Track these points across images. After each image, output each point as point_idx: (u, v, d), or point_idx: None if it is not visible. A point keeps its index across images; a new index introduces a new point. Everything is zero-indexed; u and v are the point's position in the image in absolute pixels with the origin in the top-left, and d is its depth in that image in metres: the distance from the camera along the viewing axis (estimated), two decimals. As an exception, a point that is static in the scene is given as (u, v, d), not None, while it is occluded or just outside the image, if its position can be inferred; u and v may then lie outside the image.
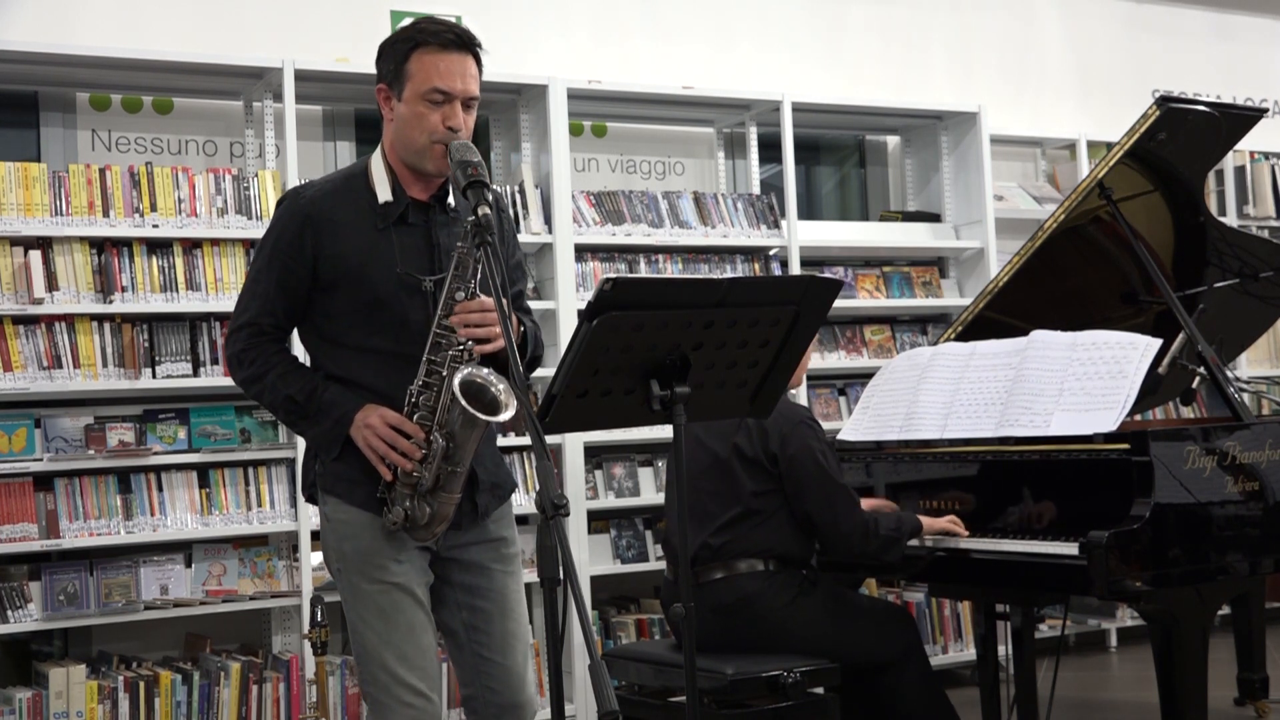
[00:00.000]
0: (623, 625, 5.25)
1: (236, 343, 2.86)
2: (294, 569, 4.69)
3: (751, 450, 3.78)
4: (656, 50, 5.97)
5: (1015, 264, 4.36)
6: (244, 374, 2.86)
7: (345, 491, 2.82)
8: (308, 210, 2.80)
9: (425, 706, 2.76)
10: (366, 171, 2.85)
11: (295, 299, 2.83)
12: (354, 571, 2.81)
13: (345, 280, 2.79)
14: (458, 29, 2.82)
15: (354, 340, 2.82)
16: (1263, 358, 6.73)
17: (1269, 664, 4.74)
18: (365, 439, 2.75)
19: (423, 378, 2.74)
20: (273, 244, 2.83)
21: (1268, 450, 3.70)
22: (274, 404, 2.86)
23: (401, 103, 2.80)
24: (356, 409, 2.77)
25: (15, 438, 4.42)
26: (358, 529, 2.80)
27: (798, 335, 2.78)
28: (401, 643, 2.76)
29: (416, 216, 2.84)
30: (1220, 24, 7.44)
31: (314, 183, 2.91)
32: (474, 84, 2.81)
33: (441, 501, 2.75)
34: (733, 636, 3.72)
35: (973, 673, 5.02)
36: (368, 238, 2.79)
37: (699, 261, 5.59)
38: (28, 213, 4.41)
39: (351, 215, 2.80)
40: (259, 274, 2.85)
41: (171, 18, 5.06)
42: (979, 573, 3.84)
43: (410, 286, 2.78)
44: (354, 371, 2.82)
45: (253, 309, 2.84)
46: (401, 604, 2.78)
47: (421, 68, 2.77)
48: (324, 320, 2.85)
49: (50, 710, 4.27)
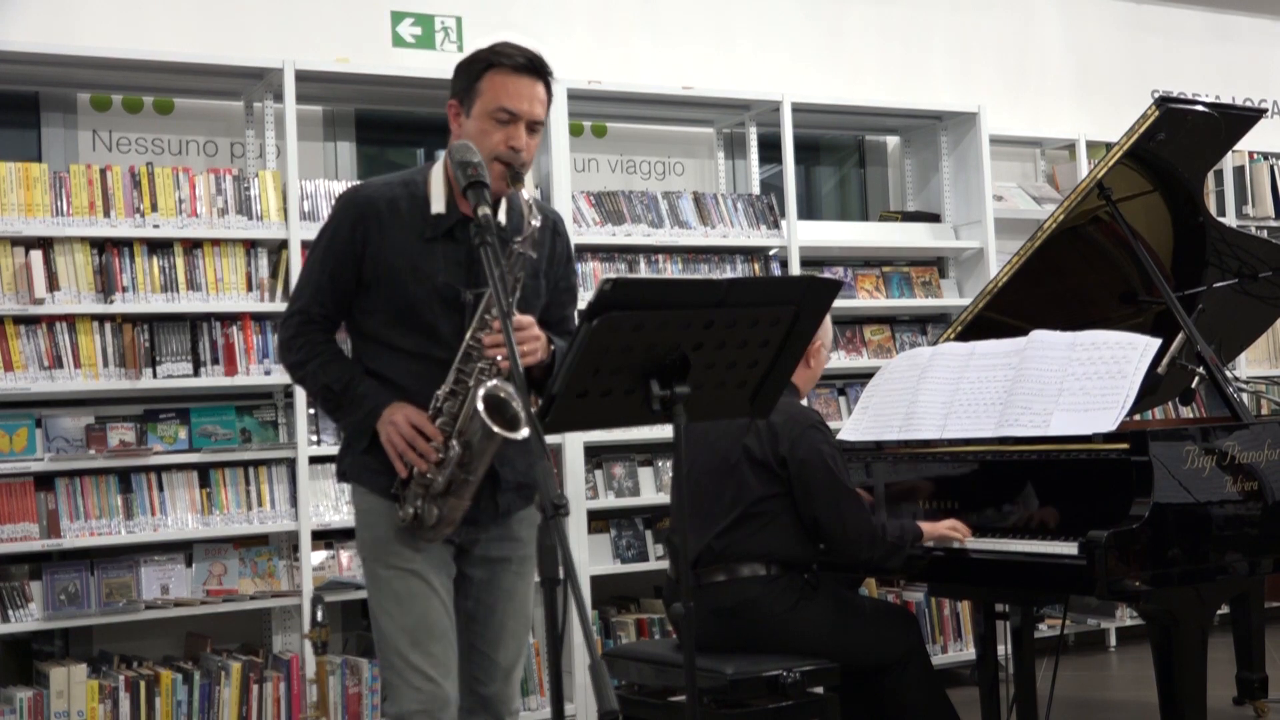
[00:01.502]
0: (623, 625, 5.26)
1: (288, 329, 2.96)
2: (294, 569, 4.70)
3: (761, 452, 3.77)
4: (656, 50, 5.97)
5: (1015, 264, 4.36)
6: (290, 359, 2.97)
7: (369, 480, 2.91)
8: (364, 208, 2.90)
9: (434, 691, 2.82)
10: (426, 180, 2.93)
11: (344, 292, 2.93)
12: (373, 558, 2.91)
13: (385, 281, 2.88)
14: (531, 54, 2.91)
15: (386, 338, 2.91)
16: (1262, 358, 6.73)
17: (1268, 664, 4.74)
18: (388, 434, 2.83)
19: (450, 384, 2.81)
20: (330, 237, 2.93)
21: (1267, 450, 3.70)
22: (314, 391, 2.97)
23: (470, 119, 2.88)
24: (386, 404, 2.85)
25: (16, 438, 4.43)
26: (377, 517, 2.89)
27: (797, 335, 2.78)
28: (415, 628, 2.83)
29: (463, 233, 2.89)
30: (1220, 24, 7.45)
31: (373, 181, 3.01)
32: (540, 108, 2.90)
33: (450, 507, 2.81)
34: (734, 638, 3.72)
35: (973, 673, 5.02)
36: (414, 245, 2.88)
37: (699, 262, 5.60)
38: (29, 213, 4.42)
39: (403, 220, 2.89)
40: (314, 264, 2.94)
41: (172, 18, 5.06)
42: (978, 572, 3.84)
43: (447, 298, 2.86)
44: (386, 368, 2.91)
45: (305, 297, 2.94)
46: (417, 591, 2.85)
47: (492, 87, 2.86)
48: (361, 316, 2.95)
49: (51, 710, 4.27)
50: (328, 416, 3.04)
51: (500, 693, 2.98)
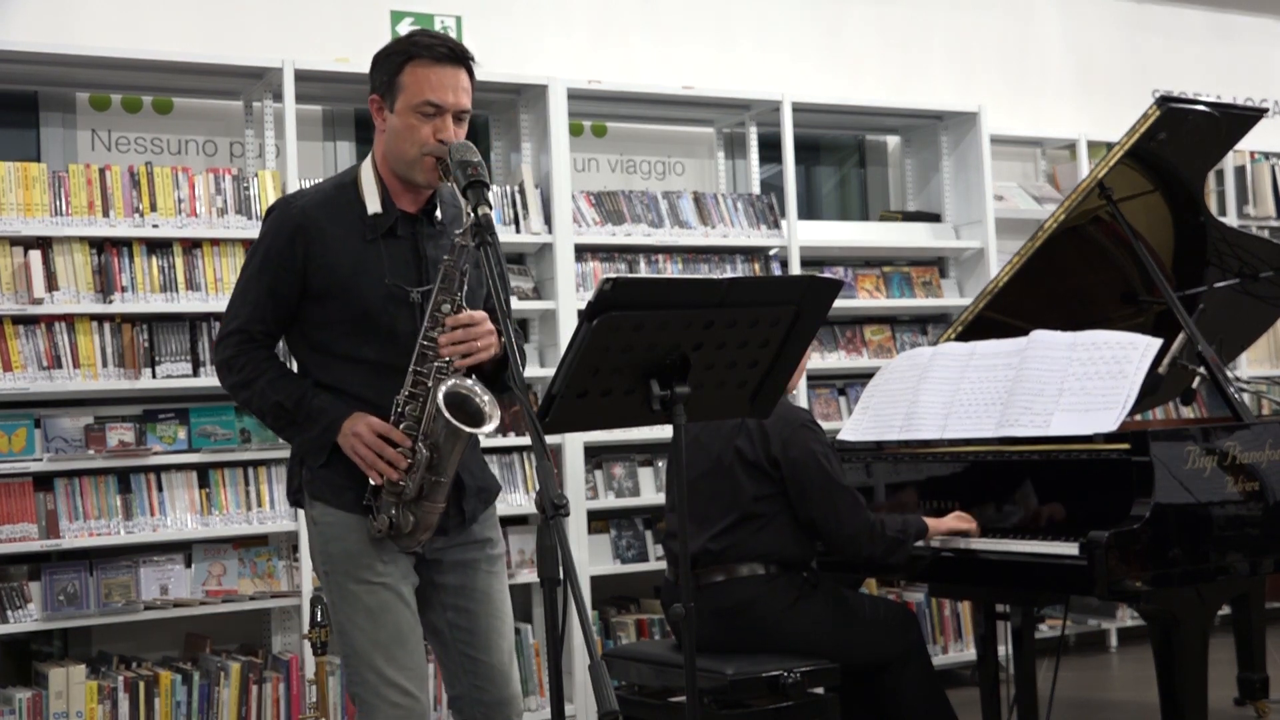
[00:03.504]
0: (623, 625, 5.26)
1: (226, 349, 2.86)
2: (294, 569, 4.69)
3: (752, 454, 3.77)
4: (656, 50, 5.97)
5: (1015, 264, 4.36)
6: (233, 380, 2.87)
7: (332, 496, 2.83)
8: (299, 220, 2.81)
9: (413, 706, 2.78)
10: (356, 181, 2.86)
11: (285, 307, 2.84)
12: (341, 573, 2.82)
13: (335, 291, 2.80)
14: (451, 42, 2.84)
15: (343, 350, 2.83)
16: (1263, 358, 6.73)
17: (1269, 664, 4.74)
18: (353, 446, 2.76)
19: (409, 388, 2.75)
20: (264, 252, 2.84)
21: (1268, 450, 3.70)
22: (262, 410, 2.85)
23: (394, 114, 2.81)
24: (344, 417, 2.78)
25: (15, 438, 4.42)
26: (344, 531, 2.82)
27: (797, 335, 2.78)
28: (389, 643, 2.78)
29: (404, 229, 2.85)
30: (1220, 24, 7.44)
31: (304, 192, 2.91)
32: (465, 97, 2.82)
33: (425, 510, 2.76)
34: (733, 638, 3.72)
35: (973, 673, 5.02)
36: (357, 248, 2.80)
37: (699, 261, 5.59)
38: (28, 213, 4.41)
39: (342, 226, 2.81)
40: (249, 281, 2.85)
41: (171, 18, 5.06)
42: (979, 573, 3.84)
43: (398, 298, 2.80)
44: (343, 380, 2.83)
45: (243, 315, 2.84)
46: (389, 604, 2.79)
47: (414, 80, 2.78)
48: (313, 329, 2.86)
49: (50, 710, 4.26)
50: (279, 435, 2.91)
51: (503, 695, 2.94)
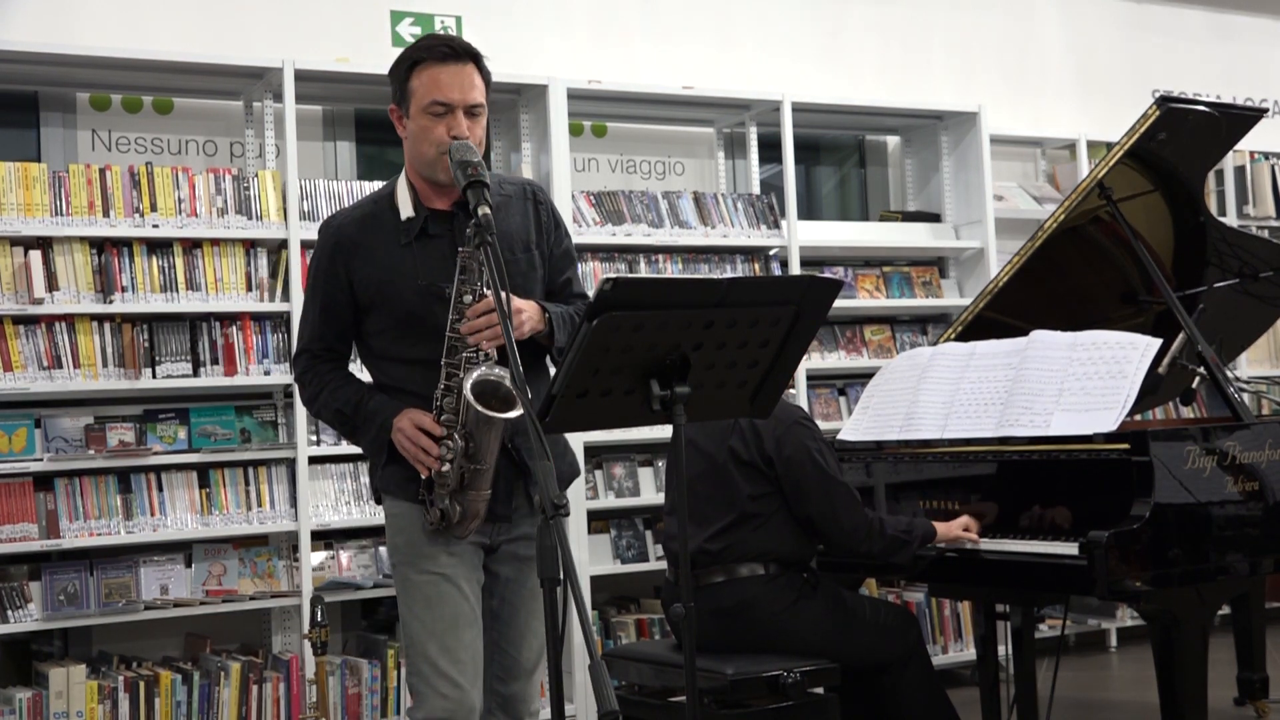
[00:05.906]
0: (623, 625, 5.25)
1: (295, 369, 3.06)
2: (294, 569, 4.69)
3: (747, 454, 3.77)
4: (656, 50, 5.96)
5: (1015, 264, 4.35)
6: (305, 396, 3.04)
7: (397, 489, 2.94)
8: (336, 237, 2.95)
9: (460, 699, 2.84)
10: (393, 193, 2.97)
11: (341, 321, 2.98)
12: (404, 563, 2.93)
13: (378, 299, 2.91)
14: (454, 41, 2.92)
15: (396, 353, 2.95)
16: (1263, 358, 6.73)
17: (1269, 664, 4.74)
18: (399, 442, 2.87)
19: (443, 382, 2.83)
20: (313, 274, 3.00)
21: (1268, 450, 3.70)
22: (330, 420, 3.02)
23: (410, 119, 2.91)
24: (394, 414, 2.89)
25: (15, 438, 4.42)
26: (407, 521, 2.92)
27: (798, 335, 2.78)
28: (444, 634, 2.85)
29: (439, 227, 2.92)
30: (1220, 24, 7.44)
31: (344, 210, 3.06)
32: (475, 92, 2.89)
33: (470, 499, 2.83)
34: (733, 638, 3.71)
35: (973, 673, 5.02)
36: (393, 255, 2.90)
37: (699, 261, 5.59)
38: (28, 213, 4.41)
39: (378, 236, 2.92)
40: (307, 304, 3.04)
41: (172, 18, 5.06)
42: (979, 573, 3.84)
43: (436, 296, 2.87)
44: (403, 381, 2.94)
45: (305, 336, 3.02)
46: (446, 595, 2.87)
47: (422, 83, 2.88)
48: (370, 338, 2.99)
49: (50, 710, 4.27)
50: (349, 440, 3.09)
51: (521, 692, 2.99)
